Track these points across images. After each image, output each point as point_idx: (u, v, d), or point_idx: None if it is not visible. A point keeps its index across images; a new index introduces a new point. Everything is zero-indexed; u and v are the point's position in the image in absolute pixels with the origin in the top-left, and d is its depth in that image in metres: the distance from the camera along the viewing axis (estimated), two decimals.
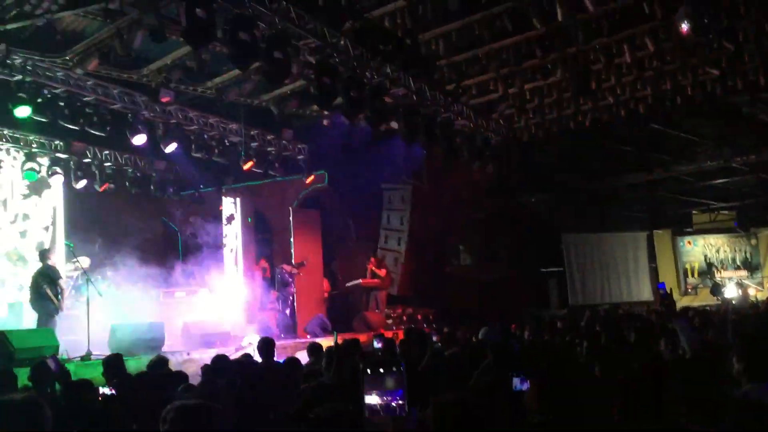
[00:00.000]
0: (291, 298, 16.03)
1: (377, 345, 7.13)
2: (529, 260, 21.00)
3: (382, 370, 1.75)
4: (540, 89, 14.53)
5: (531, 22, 11.39)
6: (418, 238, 18.83)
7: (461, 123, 14.89)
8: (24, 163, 14.02)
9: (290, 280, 16.04)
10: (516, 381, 3.64)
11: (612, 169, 20.39)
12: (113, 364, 6.33)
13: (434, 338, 6.26)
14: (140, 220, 15.97)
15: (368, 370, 1.75)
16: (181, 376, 6.21)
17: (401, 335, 11.99)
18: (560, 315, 18.13)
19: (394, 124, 13.33)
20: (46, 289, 11.14)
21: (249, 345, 11.67)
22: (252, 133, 15.72)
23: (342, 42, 11.09)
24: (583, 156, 19.15)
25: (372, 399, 1.73)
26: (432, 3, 11.04)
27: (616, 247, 22.82)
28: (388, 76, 12.25)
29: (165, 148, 13.89)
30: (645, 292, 22.64)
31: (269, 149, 16.31)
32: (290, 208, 17.39)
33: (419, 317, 17.66)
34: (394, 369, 1.75)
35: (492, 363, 4.32)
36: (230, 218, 17.17)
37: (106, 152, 15.30)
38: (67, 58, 11.55)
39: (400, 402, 1.71)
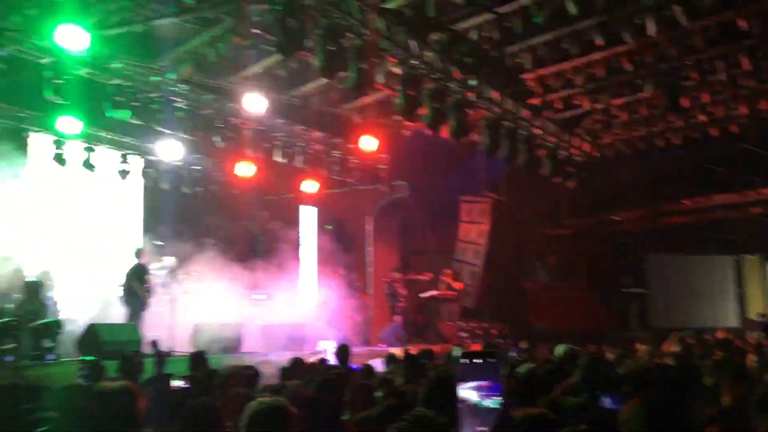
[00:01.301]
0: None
1: (455, 354, 7.09)
2: (609, 280, 20.46)
3: (478, 361, 1.74)
4: (628, 105, 14.22)
5: (621, 36, 11.17)
6: (495, 253, 18.64)
7: (544, 137, 14.70)
8: (118, 164, 14.62)
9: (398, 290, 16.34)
10: (607, 400, 3.56)
11: (701, 190, 19.68)
12: (197, 359, 6.53)
13: (513, 354, 6.16)
14: (223, 223, 16.41)
15: (463, 361, 1.74)
16: (258, 375, 6.34)
17: (475, 349, 11.90)
18: (641, 337, 17.57)
19: (476, 137, 13.29)
20: (136, 286, 11.59)
21: (324, 350, 11.81)
22: (335, 141, 15.95)
23: (428, 54, 11.14)
24: (671, 175, 18.57)
25: (468, 392, 1.72)
26: (520, 16, 10.98)
27: (702, 271, 21.99)
28: (473, 89, 12.22)
29: (251, 153, 14.24)
30: (730, 319, 21.71)
31: (351, 158, 16.51)
32: (369, 217, 17.52)
33: (494, 332, 17.45)
34: (491, 361, 1.73)
35: (580, 381, 4.24)
36: (310, 225, 17.46)
37: (195, 156, 15.81)
38: (163, 64, 12.03)
39: (497, 396, 1.70)
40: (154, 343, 6.76)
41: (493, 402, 1.69)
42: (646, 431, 2.93)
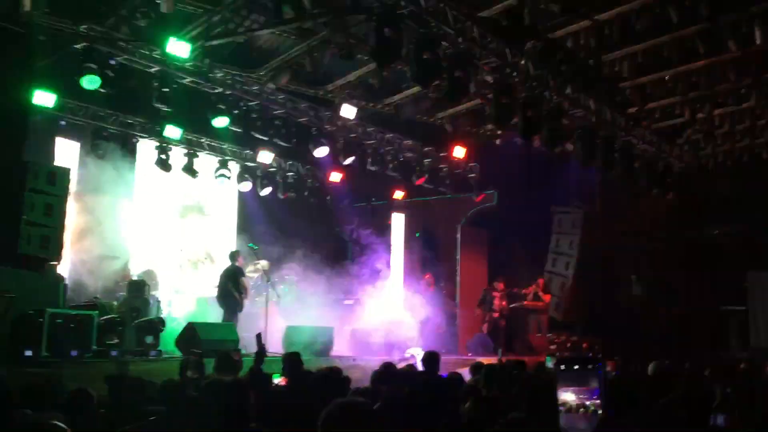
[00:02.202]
0: (496, 315, 16.27)
1: (549, 365, 6.99)
2: (708, 296, 19.63)
3: (577, 367, 1.75)
4: (731, 115, 13.67)
5: (725, 44, 10.77)
6: (587, 265, 18.23)
7: (642, 147, 14.30)
8: (217, 169, 15.17)
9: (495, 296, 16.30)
10: (720, 418, 3.46)
11: None
12: (292, 361, 6.70)
13: (608, 368, 6.04)
14: (315, 229, 16.73)
15: (562, 366, 1.76)
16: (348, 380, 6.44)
17: None
18: (742, 357, 16.79)
19: (570, 146, 13.07)
20: (231, 287, 11.99)
21: (412, 357, 11.86)
22: (426, 149, 16.03)
23: (522, 62, 11.07)
24: None
25: (567, 396, 1.73)
26: (618, 23, 10.76)
27: None
28: (568, 97, 12.04)
29: (343, 161, 14.50)
30: None
31: (441, 166, 16.55)
32: (458, 226, 17.49)
33: (585, 345, 17.05)
34: (590, 367, 1.74)
35: (683, 396, 4.13)
36: (399, 232, 17.58)
37: (290, 162, 16.23)
38: (262, 73, 12.42)
39: (597, 401, 1.70)
40: (258, 336, 6.99)
41: (593, 405, 1.70)
42: None
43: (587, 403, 1.70)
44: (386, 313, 14.98)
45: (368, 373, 8.82)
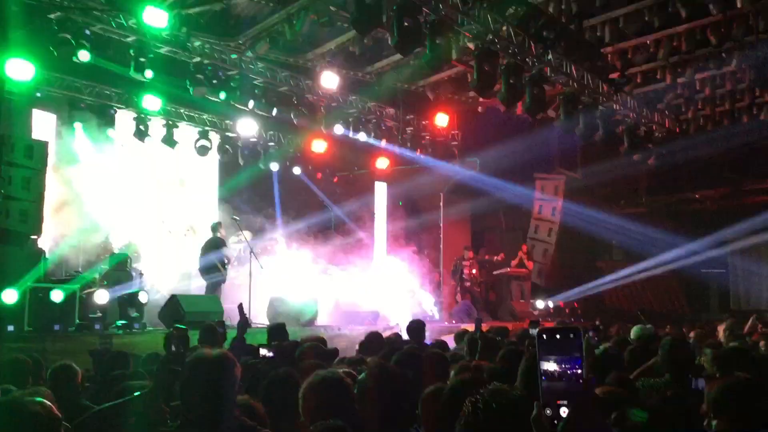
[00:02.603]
0: (468, 284, 16.33)
1: (532, 332, 7.04)
2: (689, 259, 19.87)
3: (558, 336, 1.75)
4: (713, 79, 13.69)
5: (707, 8, 10.75)
6: (569, 230, 18.36)
7: (624, 113, 14.31)
8: (197, 140, 14.99)
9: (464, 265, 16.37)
10: (699, 381, 3.51)
11: None
12: (277, 331, 6.70)
13: (590, 333, 6.07)
14: (298, 199, 16.66)
15: (544, 335, 1.76)
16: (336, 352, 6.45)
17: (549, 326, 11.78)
18: (723, 318, 17.07)
19: (552, 113, 13.06)
20: (214, 259, 11.94)
21: (397, 325, 11.92)
22: (407, 117, 15.95)
23: (504, 28, 10.97)
24: (756, 152, 17.83)
25: (549, 365, 1.73)
26: None
27: None
28: (550, 64, 11.98)
29: (326, 130, 14.39)
30: None
31: (423, 134, 16.48)
32: (441, 194, 17.49)
33: (567, 311, 17.26)
34: (572, 336, 1.74)
35: (662, 361, 4.17)
36: (382, 201, 17.57)
37: (271, 132, 16.07)
38: (240, 42, 12.24)
39: (578, 371, 1.70)
40: (240, 307, 6.98)
41: (574, 376, 1.70)
42: (735, 411, 2.90)
43: (569, 372, 1.71)
44: (371, 283, 15.02)
45: (354, 343, 8.88)
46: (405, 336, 8.67)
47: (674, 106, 15.25)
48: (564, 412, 1.68)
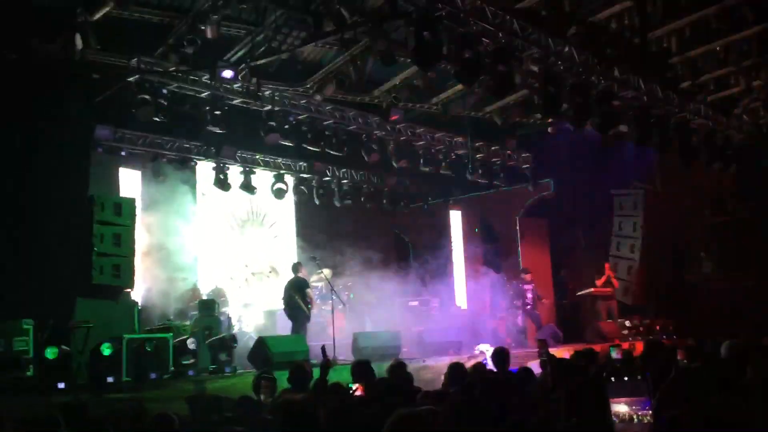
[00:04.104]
0: (528, 307, 15.90)
1: (615, 356, 6.92)
2: None
3: (626, 379, 1.79)
4: None
5: None
6: (653, 245, 17.87)
7: (698, 122, 13.94)
8: (273, 184, 15.46)
9: (523, 289, 15.97)
10: None
11: None
12: (363, 368, 6.80)
13: (679, 356, 5.92)
14: (374, 233, 16.88)
15: (612, 378, 1.80)
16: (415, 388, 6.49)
17: (639, 347, 11.49)
18: None
19: (623, 128, 12.86)
20: (297, 298, 12.22)
21: (481, 354, 11.86)
22: (477, 144, 16.01)
23: (566, 49, 10.95)
24: None
25: (620, 407, 1.78)
26: None
27: None
28: (616, 79, 11.85)
29: (396, 163, 14.61)
30: None
31: (494, 160, 16.50)
32: (516, 218, 17.39)
33: (657, 328, 16.72)
34: (640, 378, 1.79)
35: (754, 380, 4.04)
36: (458, 229, 17.58)
37: (344, 170, 16.42)
38: (308, 86, 12.62)
39: (648, 411, 1.75)
40: (323, 349, 7.13)
41: (645, 417, 1.74)
42: None
43: (639, 413, 1.75)
44: (451, 312, 15.01)
45: (438, 374, 8.91)
46: (490, 364, 8.64)
47: (752, 111, 14.77)
48: None
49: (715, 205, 18.14)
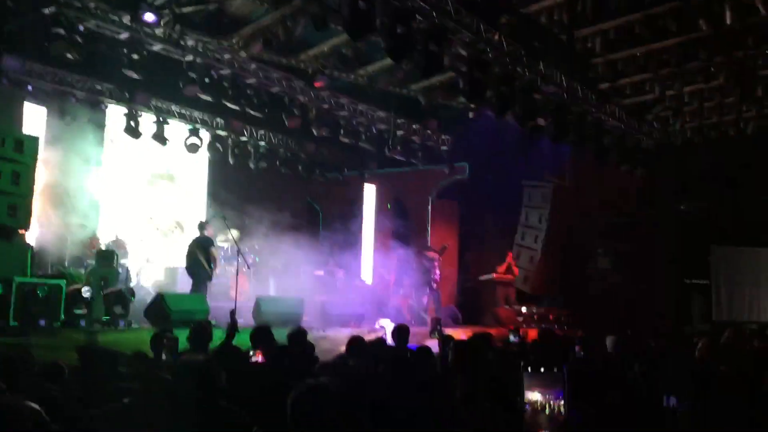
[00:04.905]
0: (435, 285, 16.07)
1: (512, 339, 7.11)
2: (672, 270, 20.03)
3: (542, 369, 1.83)
4: (700, 92, 13.83)
5: (696, 23, 10.88)
6: (555, 238, 18.49)
7: (612, 124, 14.44)
8: (187, 138, 15.01)
9: (431, 266, 16.14)
10: (670, 400, 3.58)
11: None
12: (262, 334, 6.72)
13: (576, 348, 6.13)
14: (287, 199, 16.70)
15: (529, 368, 1.83)
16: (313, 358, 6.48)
17: (531, 334, 11.87)
18: (702, 330, 17.20)
19: (542, 121, 13.16)
20: (200, 257, 11.96)
21: (381, 328, 11.99)
22: (398, 121, 16.03)
23: (496, 37, 11.06)
24: (743, 165, 17.99)
25: (533, 396, 1.81)
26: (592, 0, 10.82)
27: None
28: (540, 73, 12.09)
29: (316, 131, 14.45)
30: None
31: (414, 138, 16.57)
32: (429, 198, 17.58)
33: (551, 317, 17.38)
34: (555, 370, 1.82)
35: (638, 376, 4.23)
36: (370, 203, 17.63)
37: (261, 132, 16.11)
38: (234, 41, 12.25)
39: (561, 402, 1.78)
40: (232, 313, 7.02)
41: (557, 406, 1.78)
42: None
43: (552, 403, 1.78)
44: (355, 285, 15.08)
45: (337, 345, 8.94)
46: (389, 340, 8.73)
47: (662, 118, 15.41)
48: None
49: (618, 206, 18.89)
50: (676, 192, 19.32)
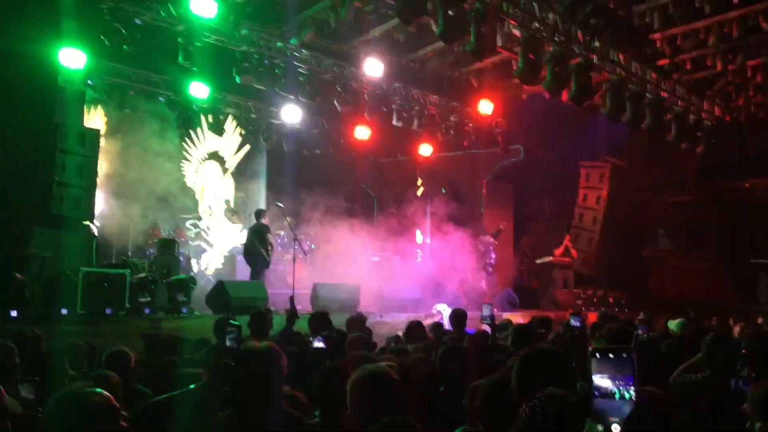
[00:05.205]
0: (490, 269, 15.99)
1: (574, 323, 7.00)
2: (738, 250, 19.45)
3: (612, 355, 1.78)
4: (764, 66, 13.34)
5: None
6: (614, 219, 18.15)
7: (672, 100, 14.04)
8: (241, 127, 15.21)
9: (487, 250, 16.05)
10: (736, 382, 3.48)
11: None
12: (321, 320, 6.80)
13: (639, 331, 5.98)
14: (341, 186, 16.77)
15: (597, 355, 1.79)
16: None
17: (591, 318, 11.71)
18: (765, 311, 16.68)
19: (598, 100, 12.89)
20: (258, 244, 12.12)
21: (438, 313, 11.97)
22: (452, 104, 15.90)
23: (550, 15, 10.86)
24: None
25: (602, 381, 1.77)
26: None
27: None
28: (596, 51, 11.82)
29: (370, 116, 14.46)
30: None
31: (467, 121, 16.42)
32: (484, 181, 17.44)
33: (611, 300, 17.09)
34: (625, 355, 1.77)
35: (704, 359, 4.12)
36: (425, 188, 17.57)
37: (315, 119, 16.20)
38: (286, 30, 12.33)
39: (632, 388, 1.74)
40: (291, 299, 7.12)
41: (628, 393, 1.73)
42: None
43: (622, 389, 1.74)
44: (413, 270, 15.06)
45: (395, 330, 8.98)
46: (447, 324, 8.73)
47: (724, 94, 14.92)
48: (616, 429, 1.71)
49: (677, 185, 18.44)
50: (739, 169, 18.72)
